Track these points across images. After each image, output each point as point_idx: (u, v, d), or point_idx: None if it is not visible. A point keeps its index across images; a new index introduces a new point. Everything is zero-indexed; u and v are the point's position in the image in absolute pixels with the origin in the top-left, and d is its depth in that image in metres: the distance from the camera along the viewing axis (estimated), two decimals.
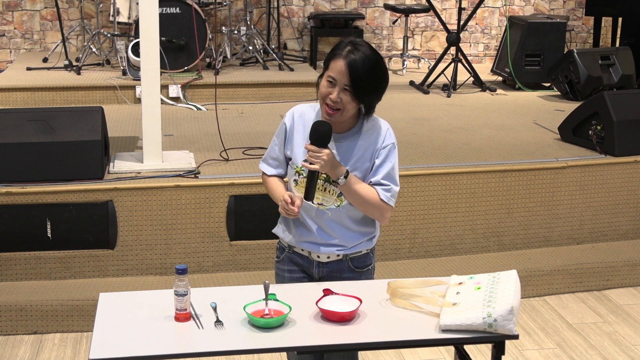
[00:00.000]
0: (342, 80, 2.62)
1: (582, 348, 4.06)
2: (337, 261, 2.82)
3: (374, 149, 2.73)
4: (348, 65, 2.60)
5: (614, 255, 4.86)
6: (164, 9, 6.58)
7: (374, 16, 8.52)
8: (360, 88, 2.62)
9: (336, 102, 2.63)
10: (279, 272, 2.93)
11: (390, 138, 2.76)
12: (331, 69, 2.64)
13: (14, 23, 7.86)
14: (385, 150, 2.74)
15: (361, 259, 2.86)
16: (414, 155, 5.08)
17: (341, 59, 2.62)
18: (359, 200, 2.71)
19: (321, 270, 2.84)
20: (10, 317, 4.07)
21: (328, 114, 2.66)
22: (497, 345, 2.51)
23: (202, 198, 4.46)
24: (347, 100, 2.63)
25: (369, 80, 2.63)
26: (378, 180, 2.72)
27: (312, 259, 2.83)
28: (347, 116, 2.68)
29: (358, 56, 2.61)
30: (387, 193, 2.72)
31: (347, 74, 2.60)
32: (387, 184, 2.73)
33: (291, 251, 2.87)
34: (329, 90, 2.64)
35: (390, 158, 2.74)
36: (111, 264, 4.41)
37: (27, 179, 4.36)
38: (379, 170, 2.73)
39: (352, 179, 2.68)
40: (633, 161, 5.08)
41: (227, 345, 2.39)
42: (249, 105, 6.59)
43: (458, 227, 4.80)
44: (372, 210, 2.74)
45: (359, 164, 2.73)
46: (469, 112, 6.43)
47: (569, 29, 8.37)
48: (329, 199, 2.73)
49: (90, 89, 6.49)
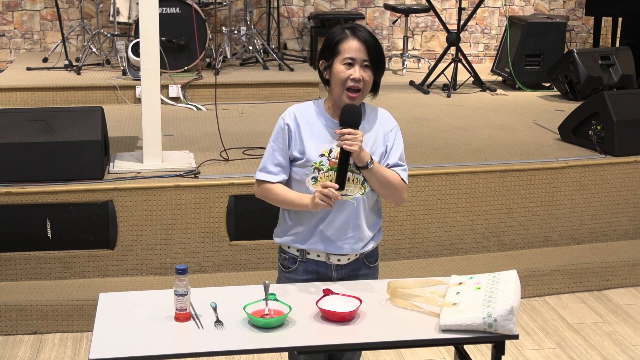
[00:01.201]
0: (360, 57, 2.65)
1: (582, 348, 4.06)
2: (355, 260, 2.82)
3: (384, 133, 2.77)
4: (363, 41, 2.65)
5: (614, 255, 4.86)
6: (164, 9, 6.58)
7: (374, 16, 8.52)
8: (378, 61, 2.68)
9: (358, 81, 2.65)
10: (292, 282, 2.81)
11: (393, 120, 2.82)
12: (345, 50, 2.66)
13: (14, 23, 7.86)
14: (393, 133, 2.78)
15: (373, 254, 2.89)
16: (414, 155, 5.08)
17: (351, 38, 2.66)
18: (384, 182, 2.71)
19: (340, 272, 2.80)
20: (10, 317, 4.07)
21: (351, 97, 2.67)
22: (497, 345, 2.51)
23: (202, 198, 4.46)
24: (369, 76, 2.68)
25: (382, 54, 2.70)
26: (395, 161, 2.76)
27: (331, 263, 2.78)
28: (364, 97, 2.72)
29: (365, 32, 2.68)
30: (404, 172, 2.77)
31: (364, 50, 2.65)
32: (403, 164, 2.78)
33: (304, 259, 2.80)
34: (349, 72, 2.65)
35: (399, 139, 2.79)
36: (111, 264, 4.41)
37: (27, 179, 4.36)
38: (393, 152, 2.76)
39: (376, 163, 2.70)
40: (633, 161, 5.08)
41: (227, 345, 2.39)
42: (249, 105, 6.59)
43: (458, 227, 4.80)
44: (395, 192, 2.75)
45: (375, 148, 2.74)
46: (469, 112, 6.43)
47: (569, 29, 8.37)
48: (354, 188, 2.72)
49: (90, 89, 6.49)
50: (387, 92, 7.06)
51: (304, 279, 2.80)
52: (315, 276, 2.80)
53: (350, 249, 2.77)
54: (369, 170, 2.67)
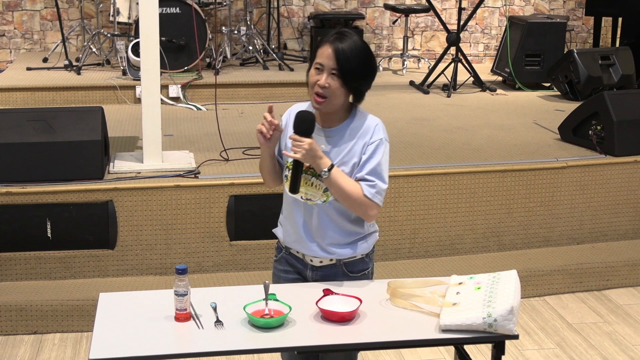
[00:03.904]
0: (329, 64, 2.61)
1: (582, 348, 4.06)
2: (331, 265, 2.80)
3: (362, 144, 2.69)
4: (334, 49, 2.60)
5: (614, 255, 4.86)
6: (164, 9, 6.58)
7: (374, 16, 8.52)
8: (348, 71, 2.60)
9: (324, 88, 2.61)
10: (276, 271, 2.93)
11: (379, 134, 2.69)
12: (318, 56, 2.64)
13: (14, 23, 7.86)
14: (372, 146, 2.68)
15: (356, 264, 2.82)
16: (414, 155, 5.08)
17: (328, 44, 2.63)
18: (342, 194, 2.66)
19: (315, 274, 2.82)
20: (10, 317, 4.07)
21: (317, 102, 2.64)
22: (497, 345, 2.51)
23: (202, 198, 4.46)
24: (335, 85, 2.61)
25: (357, 64, 2.61)
26: (363, 175, 2.67)
27: (306, 262, 2.82)
28: (336, 105, 2.66)
29: (344, 41, 2.61)
30: (371, 189, 2.66)
31: (333, 57, 2.60)
32: (372, 180, 2.67)
33: (287, 252, 2.86)
34: (317, 77, 2.63)
35: (377, 154, 2.68)
36: (111, 264, 4.41)
37: (27, 179, 4.36)
38: (365, 166, 2.68)
39: (336, 173, 2.64)
40: (633, 161, 5.08)
41: (227, 345, 2.39)
42: (249, 105, 6.59)
43: (458, 227, 4.80)
44: (356, 206, 2.68)
45: (347, 158, 2.70)
46: (469, 112, 6.43)
47: (569, 29, 8.37)
48: (315, 194, 2.71)
49: (90, 89, 6.49)
50: (387, 92, 7.06)
51: (285, 270, 2.87)
52: (295, 270, 2.86)
53: (317, 252, 2.77)
54: (325, 179, 2.64)
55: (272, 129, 2.68)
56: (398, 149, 5.25)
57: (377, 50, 8.57)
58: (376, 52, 8.57)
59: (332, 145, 2.71)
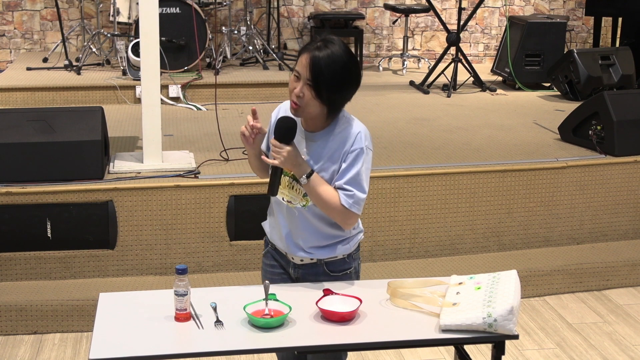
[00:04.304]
0: (304, 74, 2.58)
1: (582, 348, 4.06)
2: (312, 264, 2.80)
3: (342, 152, 2.66)
4: (311, 59, 2.56)
5: (614, 255, 4.86)
6: (164, 9, 6.58)
7: (374, 16, 8.52)
8: (320, 84, 2.56)
9: (299, 97, 2.60)
10: (264, 266, 2.96)
11: (360, 142, 2.65)
12: (298, 63, 2.62)
13: (14, 23, 7.86)
14: (352, 155, 2.65)
15: (337, 264, 2.81)
16: (414, 155, 5.08)
17: (307, 53, 2.60)
18: (319, 201, 2.65)
19: (297, 271, 2.83)
20: (10, 317, 4.07)
21: (292, 108, 2.64)
22: (497, 345, 2.51)
23: (202, 198, 4.46)
24: (309, 96, 2.59)
25: (331, 77, 2.56)
26: (341, 184, 2.65)
27: (289, 259, 2.84)
28: (311, 113, 2.64)
29: (323, 52, 2.57)
30: (348, 199, 2.63)
31: (309, 68, 2.56)
32: (350, 190, 2.63)
33: (273, 247, 2.90)
34: (294, 85, 2.62)
35: (357, 163, 2.64)
36: (111, 264, 4.41)
37: (27, 179, 4.36)
38: (344, 175, 2.65)
39: (315, 180, 2.63)
40: (633, 161, 5.08)
41: (227, 345, 2.39)
42: (249, 105, 6.57)
43: (458, 227, 4.80)
44: (334, 214, 2.67)
45: (327, 165, 2.68)
46: (469, 112, 6.43)
47: (569, 29, 8.37)
48: (296, 198, 2.71)
49: (90, 89, 6.49)
50: (387, 92, 7.06)
51: (271, 264, 2.91)
52: (279, 265, 2.88)
53: (296, 252, 2.78)
54: (304, 185, 2.64)
55: (255, 132, 2.68)
56: (398, 149, 5.25)
57: (377, 50, 8.58)
58: (376, 52, 8.58)
59: (313, 150, 2.70)
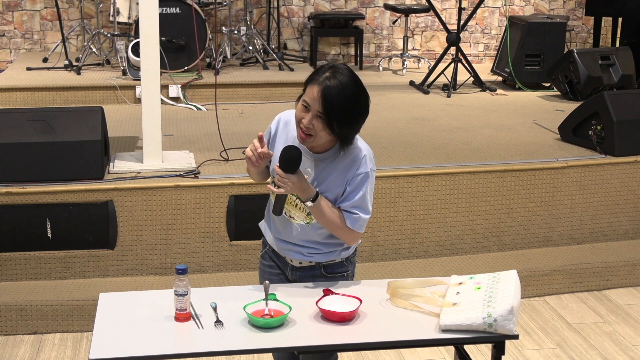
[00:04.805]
0: (315, 106, 2.55)
1: (582, 348, 4.06)
2: (310, 267, 2.82)
3: (347, 175, 2.67)
4: (322, 92, 2.52)
5: (614, 255, 4.86)
6: (164, 9, 6.58)
7: (374, 16, 8.52)
8: (333, 118, 2.54)
9: (308, 128, 2.58)
10: (262, 266, 2.97)
11: (365, 166, 2.67)
12: (307, 93, 2.58)
13: (14, 23, 7.86)
14: (358, 178, 2.66)
15: (335, 266, 2.84)
16: (414, 155, 5.08)
17: (317, 84, 2.55)
18: (324, 222, 2.68)
19: (294, 274, 2.84)
20: (10, 317, 4.07)
21: (302, 138, 2.63)
22: (497, 345, 2.51)
23: (202, 198, 4.46)
24: (319, 127, 2.57)
25: (343, 111, 2.54)
26: (347, 207, 2.68)
27: (287, 261, 2.85)
28: (320, 142, 2.64)
29: (334, 83, 2.53)
30: (354, 222, 2.68)
31: (320, 101, 2.53)
32: (356, 213, 2.68)
33: (270, 249, 2.90)
34: (302, 115, 2.59)
35: (362, 187, 2.66)
36: (111, 264, 4.41)
37: (27, 179, 4.36)
38: (349, 198, 2.67)
39: (321, 203, 2.64)
40: (633, 161, 5.08)
41: (227, 345, 2.39)
42: (249, 105, 6.59)
43: (458, 227, 4.80)
44: (338, 233, 2.71)
45: (332, 186, 2.69)
46: (469, 112, 6.43)
47: (569, 29, 8.37)
48: (299, 215, 2.73)
49: (90, 89, 6.49)
50: (387, 92, 7.06)
51: (269, 265, 2.92)
52: (276, 266, 2.89)
53: (295, 255, 2.80)
54: (309, 207, 2.65)
55: (261, 157, 2.66)
56: (398, 149, 5.25)
57: (377, 50, 8.58)
58: (376, 52, 8.58)
59: (319, 170, 2.70)
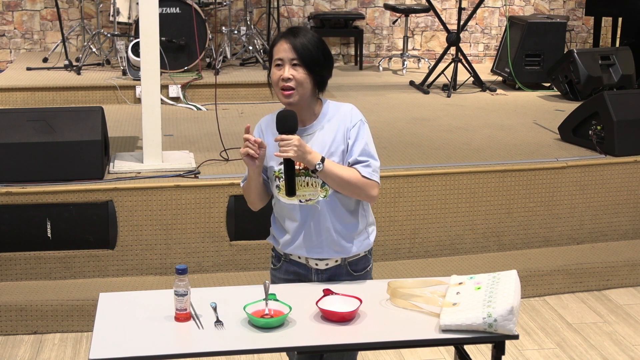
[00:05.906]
0: (288, 56, 2.64)
1: (582, 348, 4.06)
2: (336, 267, 2.80)
3: (344, 130, 2.71)
4: (290, 42, 2.64)
5: (614, 255, 4.86)
6: (164, 9, 6.58)
7: (374, 16, 8.52)
8: (308, 58, 2.63)
9: (289, 80, 2.63)
10: (275, 279, 2.89)
11: (356, 116, 2.73)
12: (275, 53, 2.67)
13: (14, 23, 7.86)
14: (355, 129, 2.71)
15: (360, 262, 2.83)
16: (414, 155, 5.08)
17: (282, 40, 2.66)
18: (341, 182, 2.67)
19: (320, 277, 2.80)
20: (10, 317, 4.07)
21: (285, 95, 2.66)
22: (497, 345, 2.51)
23: (202, 198, 4.46)
24: (299, 74, 2.63)
25: (315, 48, 2.65)
26: (355, 158, 2.70)
27: (310, 266, 2.80)
28: (304, 95, 2.66)
29: (297, 32, 2.67)
30: (367, 169, 2.69)
31: (291, 49, 2.63)
32: (366, 160, 2.70)
33: (287, 260, 2.83)
34: (279, 73, 2.65)
35: (362, 135, 2.71)
36: (111, 264, 4.41)
37: (27, 179, 4.36)
38: (354, 149, 2.70)
39: (329, 163, 2.65)
40: (633, 161, 5.08)
41: (227, 345, 2.39)
42: (249, 105, 6.59)
43: (458, 227, 4.80)
44: (357, 190, 2.70)
45: (334, 148, 2.71)
46: (469, 112, 6.43)
47: (569, 29, 8.37)
48: (314, 192, 2.71)
49: (90, 89, 6.50)
50: (387, 92, 7.06)
51: (286, 279, 2.84)
52: (296, 277, 2.82)
53: (322, 253, 2.76)
54: (321, 173, 2.65)
55: (258, 147, 2.66)
56: (398, 149, 5.25)
57: (377, 50, 8.58)
58: (376, 52, 8.58)
59: (314, 142, 2.71)
